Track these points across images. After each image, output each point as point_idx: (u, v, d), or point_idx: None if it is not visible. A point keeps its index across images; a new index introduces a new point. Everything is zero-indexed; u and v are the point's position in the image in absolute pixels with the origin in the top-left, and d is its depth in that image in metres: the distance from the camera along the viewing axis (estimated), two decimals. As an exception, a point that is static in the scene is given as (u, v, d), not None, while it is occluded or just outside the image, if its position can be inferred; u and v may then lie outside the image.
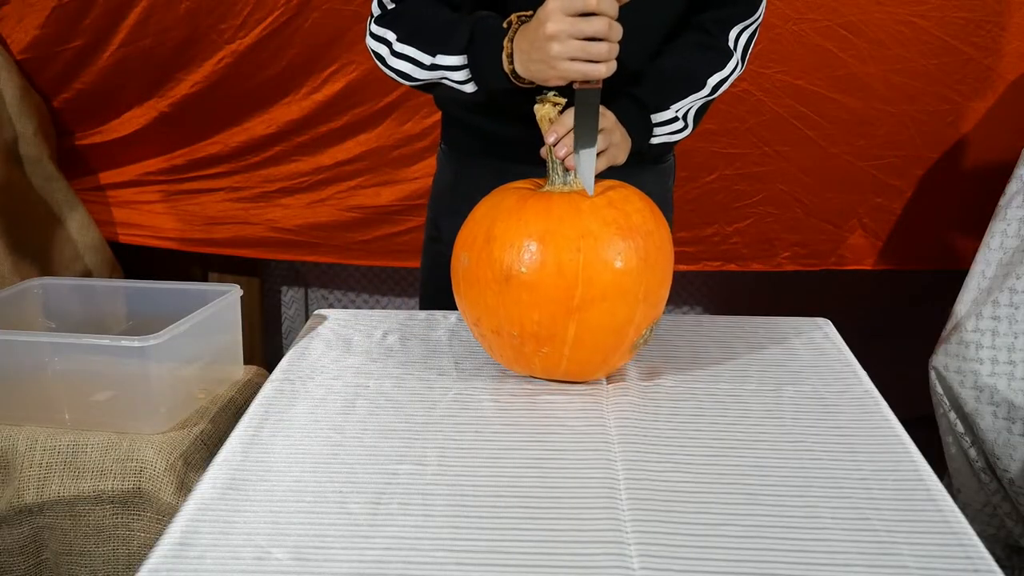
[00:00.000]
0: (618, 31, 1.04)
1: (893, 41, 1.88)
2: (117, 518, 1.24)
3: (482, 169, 1.33)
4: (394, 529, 0.85)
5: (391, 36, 1.21)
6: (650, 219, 1.07)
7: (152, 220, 2.19)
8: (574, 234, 1.02)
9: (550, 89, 1.10)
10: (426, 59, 1.18)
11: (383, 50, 1.22)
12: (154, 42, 1.93)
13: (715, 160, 2.04)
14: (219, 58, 1.95)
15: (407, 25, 1.21)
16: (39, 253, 1.96)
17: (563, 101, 1.09)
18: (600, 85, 1.07)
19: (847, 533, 0.84)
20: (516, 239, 1.03)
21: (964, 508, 1.55)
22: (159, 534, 0.85)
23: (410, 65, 1.20)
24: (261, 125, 2.06)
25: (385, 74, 1.25)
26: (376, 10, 1.25)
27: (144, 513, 1.23)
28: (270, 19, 1.90)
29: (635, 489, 0.91)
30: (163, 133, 2.08)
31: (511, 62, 1.10)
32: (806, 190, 2.09)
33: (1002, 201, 1.74)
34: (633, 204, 1.07)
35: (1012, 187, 1.72)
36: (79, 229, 2.07)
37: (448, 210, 1.37)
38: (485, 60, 1.13)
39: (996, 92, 1.94)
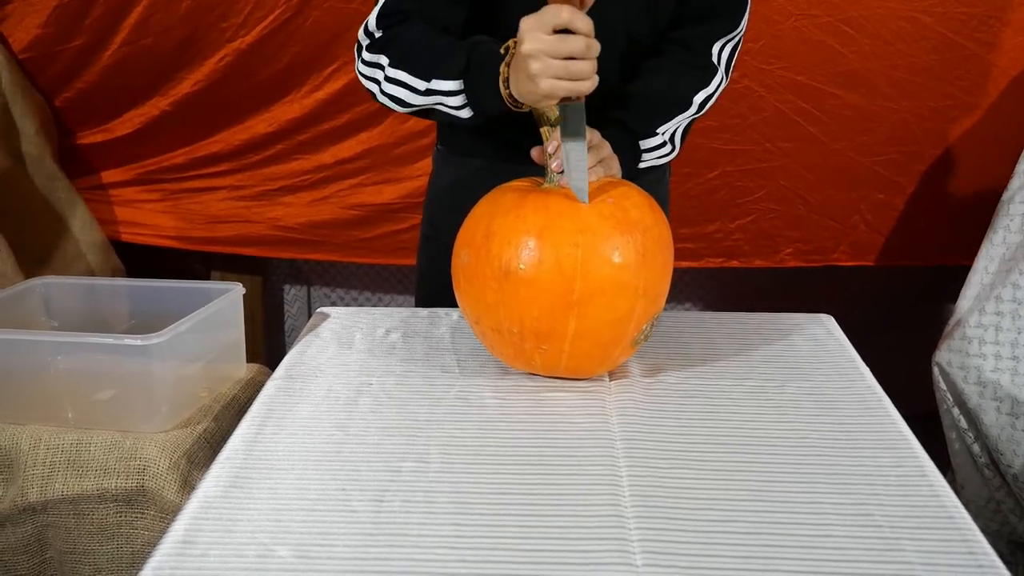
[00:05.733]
0: (596, 48, 1.02)
1: (895, 37, 1.88)
2: (121, 516, 1.24)
3: (479, 169, 1.33)
4: (397, 526, 0.85)
5: (383, 60, 1.19)
6: (648, 214, 1.07)
7: (154, 219, 2.19)
8: (572, 229, 1.02)
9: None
10: (420, 84, 1.17)
11: (378, 75, 1.20)
12: (155, 41, 1.93)
13: (717, 157, 2.04)
14: (220, 57, 1.95)
15: (399, 49, 1.19)
16: (41, 252, 1.97)
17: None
18: (583, 100, 1.06)
19: (850, 529, 0.84)
20: (514, 235, 1.03)
21: (968, 504, 1.55)
22: (162, 532, 0.85)
23: (403, 90, 1.19)
24: (262, 123, 2.06)
25: (380, 103, 1.23)
26: (364, 40, 1.22)
27: (147, 511, 1.23)
28: (271, 17, 1.90)
29: (638, 485, 0.91)
30: (165, 132, 2.08)
31: (507, 86, 1.09)
32: (808, 186, 2.08)
33: (1005, 196, 1.73)
34: (631, 200, 1.07)
35: (1015, 183, 1.72)
36: (81, 228, 2.07)
37: (448, 209, 1.37)
38: (481, 85, 1.12)
39: (998, 88, 1.94)
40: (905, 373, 1.76)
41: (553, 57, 1.01)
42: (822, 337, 1.28)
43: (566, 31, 1.00)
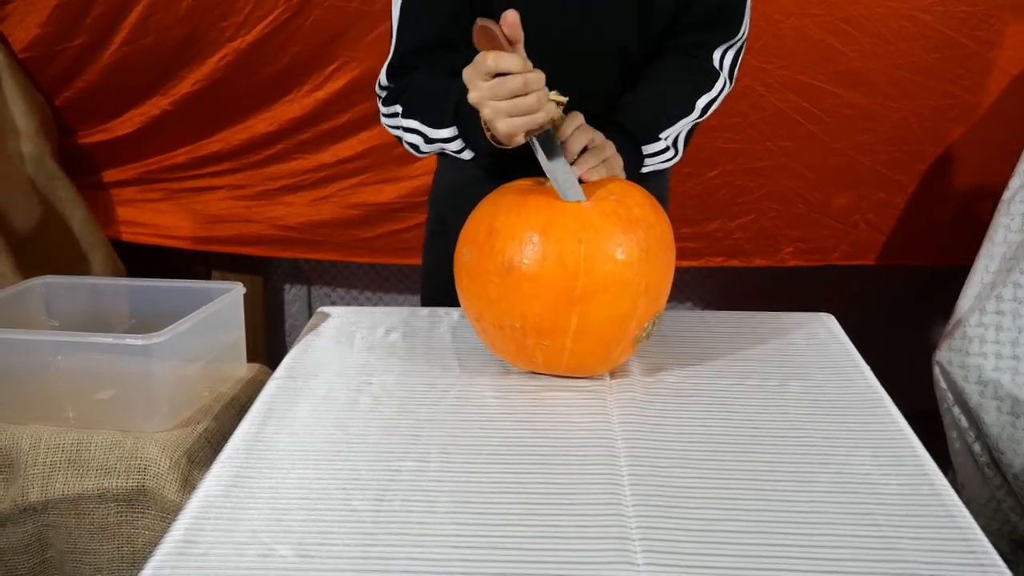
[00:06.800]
0: (537, 80, 1.02)
1: (895, 36, 1.88)
2: (121, 516, 1.24)
3: (482, 169, 1.33)
4: (398, 526, 0.85)
5: (399, 109, 1.23)
6: (651, 212, 1.07)
7: (155, 218, 2.19)
8: (575, 226, 1.02)
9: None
10: (428, 131, 1.20)
11: (398, 122, 1.24)
12: (156, 40, 1.93)
13: (717, 156, 2.04)
14: (221, 56, 1.95)
15: (406, 99, 1.23)
16: (41, 252, 1.96)
17: (565, 100, 1.09)
18: (550, 127, 1.07)
19: (851, 528, 0.84)
20: (518, 231, 1.03)
21: (968, 503, 1.55)
22: (163, 532, 0.85)
23: (417, 137, 1.22)
24: (263, 123, 2.06)
25: (409, 152, 1.27)
26: (380, 93, 1.26)
27: (148, 511, 1.23)
28: (271, 17, 1.90)
29: (639, 485, 0.91)
30: (165, 131, 2.08)
31: (488, 128, 1.11)
32: (809, 185, 2.08)
33: (1005, 196, 1.73)
34: (634, 198, 1.07)
35: (1015, 182, 1.72)
36: (81, 228, 2.07)
37: (453, 207, 1.36)
38: (472, 128, 1.14)
39: (999, 86, 1.94)
40: (905, 372, 1.76)
41: (497, 100, 1.02)
42: (823, 336, 1.28)
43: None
